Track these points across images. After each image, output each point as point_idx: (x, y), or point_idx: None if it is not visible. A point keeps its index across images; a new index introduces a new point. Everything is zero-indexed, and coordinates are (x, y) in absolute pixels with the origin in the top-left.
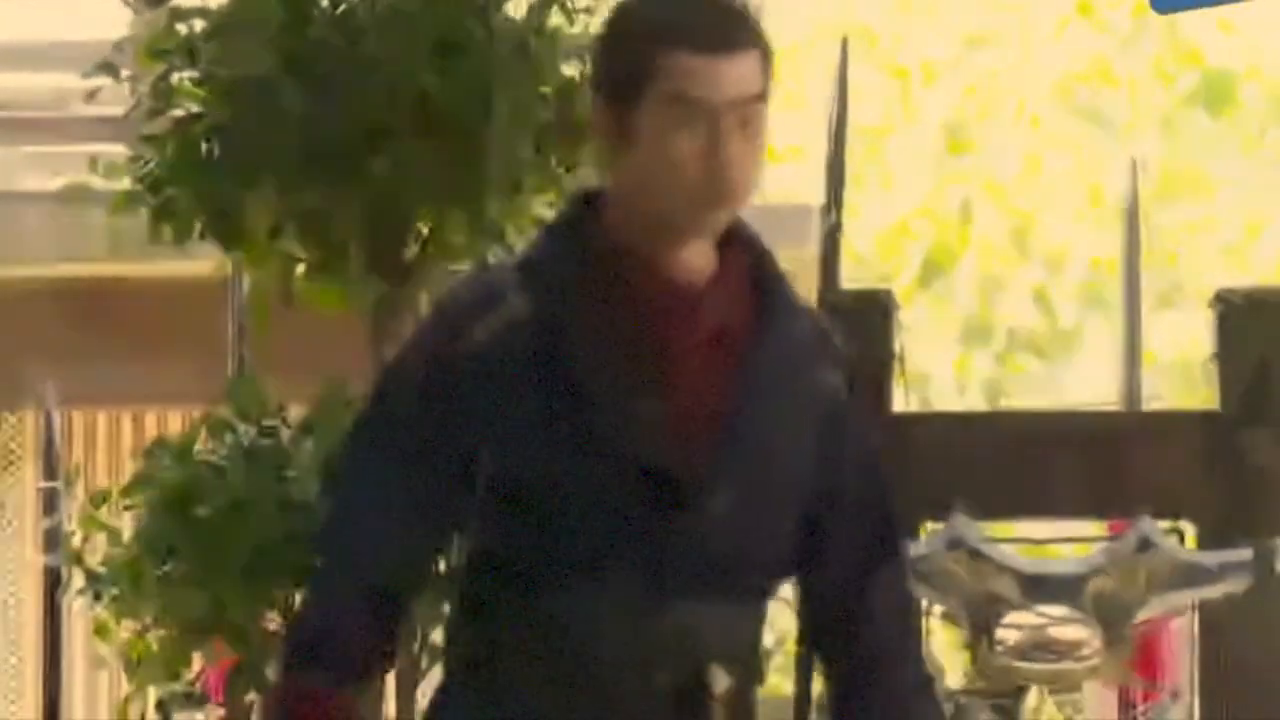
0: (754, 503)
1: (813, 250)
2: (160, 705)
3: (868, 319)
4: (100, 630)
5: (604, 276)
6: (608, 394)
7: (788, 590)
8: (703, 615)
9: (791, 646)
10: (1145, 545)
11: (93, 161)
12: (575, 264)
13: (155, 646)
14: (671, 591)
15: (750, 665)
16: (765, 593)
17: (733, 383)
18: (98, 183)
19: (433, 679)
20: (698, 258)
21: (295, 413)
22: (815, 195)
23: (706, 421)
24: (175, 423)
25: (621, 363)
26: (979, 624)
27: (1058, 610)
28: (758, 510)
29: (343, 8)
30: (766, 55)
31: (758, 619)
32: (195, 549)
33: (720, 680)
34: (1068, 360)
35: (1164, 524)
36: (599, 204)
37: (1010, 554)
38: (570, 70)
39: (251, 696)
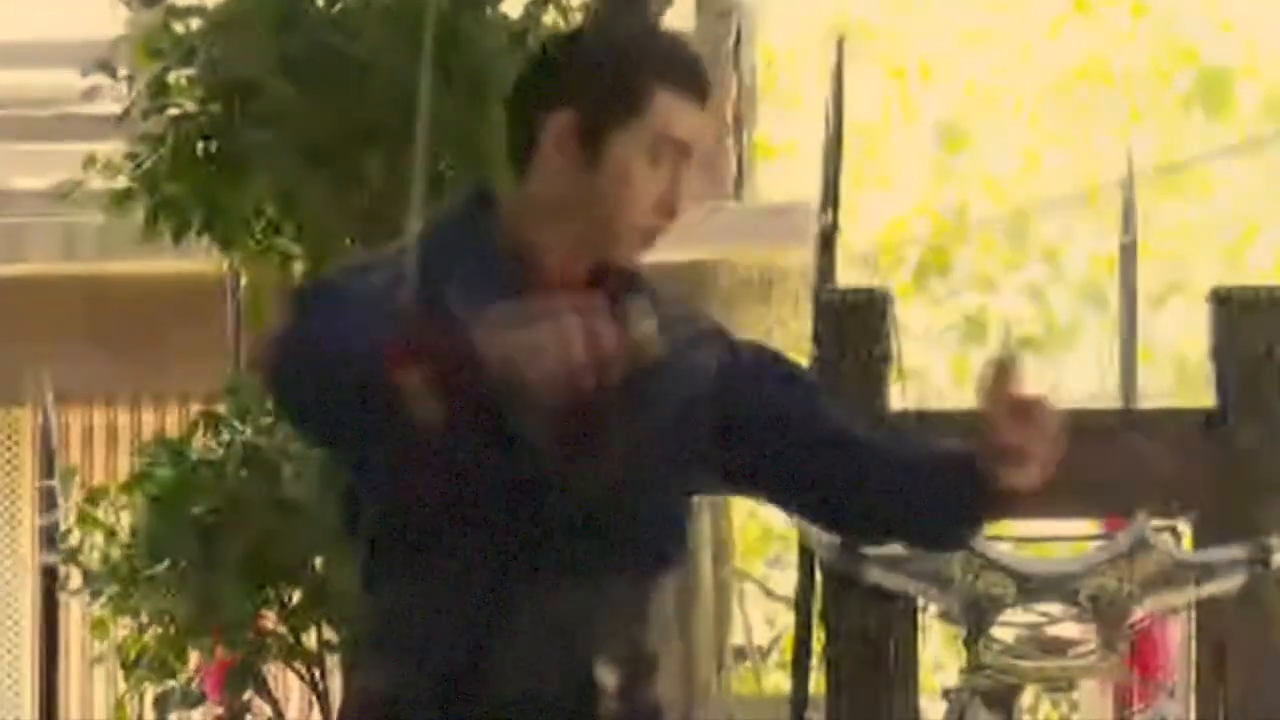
0: (627, 492)
1: (808, 249)
2: (157, 703)
3: (864, 317)
4: (97, 628)
5: (496, 274)
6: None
7: (785, 586)
8: (582, 610)
9: (789, 643)
10: (1141, 543)
11: (89, 160)
12: (468, 259)
13: (152, 644)
14: (547, 583)
15: (640, 659)
16: (649, 586)
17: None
18: (94, 181)
19: None
20: (587, 274)
21: None
22: (811, 193)
23: (582, 416)
24: (172, 421)
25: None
26: (974, 622)
27: (1053, 609)
28: (632, 498)
29: (339, 6)
30: None
31: (642, 613)
32: (192, 547)
33: (608, 678)
34: (1065, 358)
35: (1160, 522)
36: (494, 204)
37: (1006, 552)
38: None
39: (248, 695)
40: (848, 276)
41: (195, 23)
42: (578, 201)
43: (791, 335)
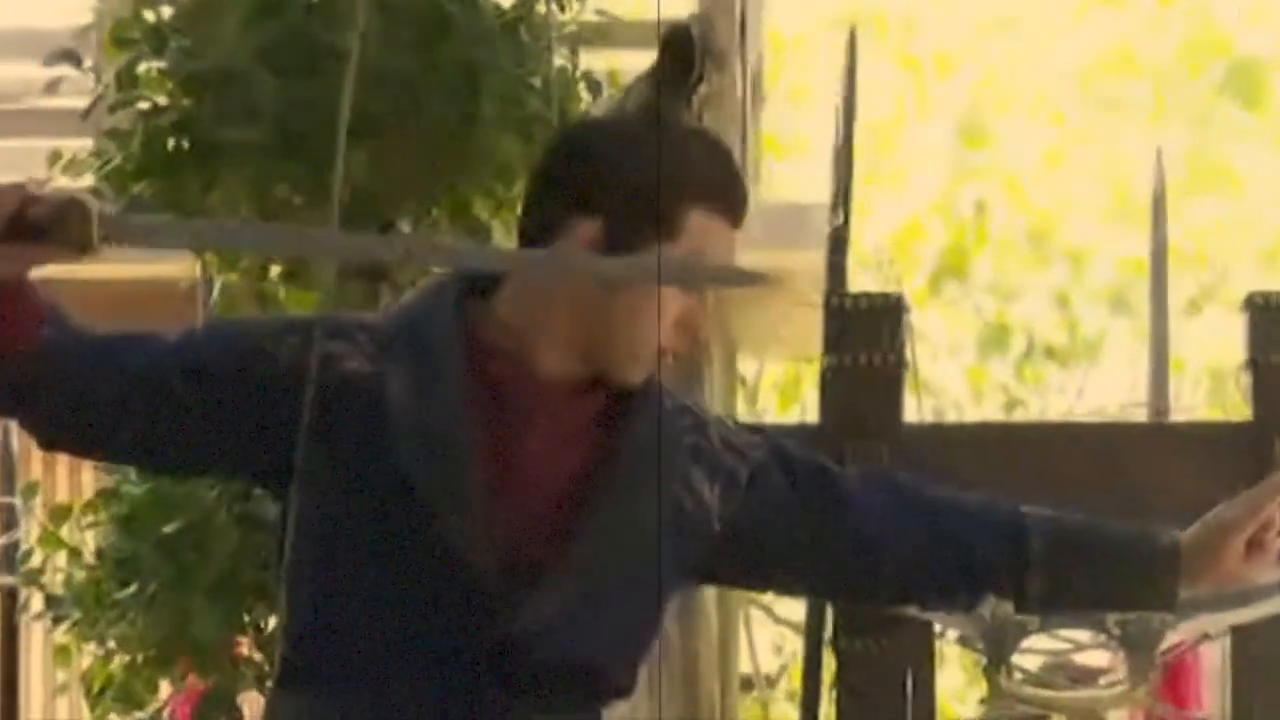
0: (585, 614)
1: (819, 251)
2: None
3: (877, 324)
4: (60, 655)
5: (474, 364)
6: (439, 481)
7: (795, 611)
8: None
9: (797, 671)
10: None
11: (53, 157)
12: (447, 340)
13: (119, 673)
14: (489, 704)
15: None
16: (597, 710)
17: (577, 493)
18: (59, 179)
19: None
20: (582, 382)
21: None
22: (822, 193)
23: (544, 527)
24: None
25: (464, 452)
26: (996, 649)
27: (1080, 634)
28: (589, 622)
29: None
30: None
31: None
32: (162, 569)
33: None
34: (1091, 368)
35: None
36: (479, 291)
37: None
38: (561, 60)
39: None
40: (860, 281)
41: (167, 10)
42: (593, 313)
43: (800, 342)
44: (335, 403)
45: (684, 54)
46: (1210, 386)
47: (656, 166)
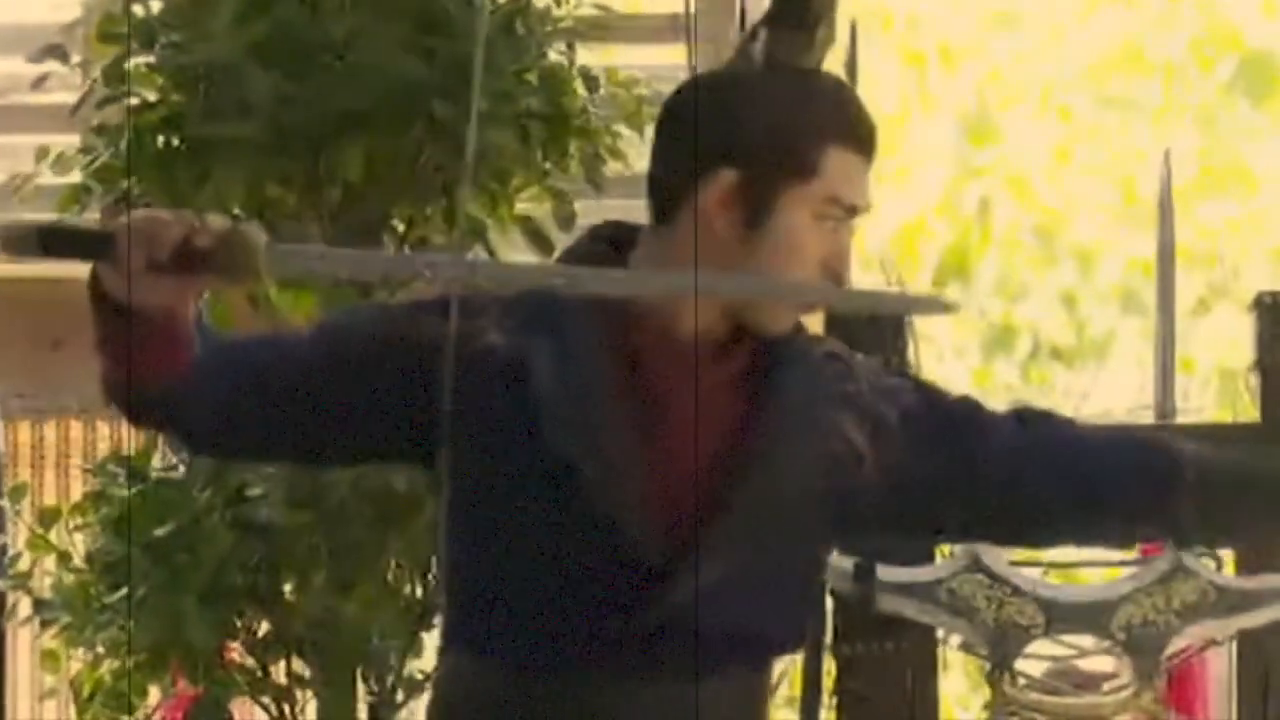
0: (746, 578)
1: None
2: None
3: (880, 324)
4: (48, 660)
5: (614, 330)
6: (590, 454)
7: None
8: (688, 700)
9: (797, 677)
10: (1179, 569)
11: (41, 153)
12: (588, 308)
13: (108, 678)
14: (651, 674)
15: None
16: (765, 671)
17: (729, 454)
18: (46, 176)
19: (409, 712)
20: (725, 338)
21: None
22: None
23: (698, 494)
24: (130, 437)
25: (612, 423)
26: (1000, 655)
27: (1085, 640)
28: (750, 585)
29: None
30: None
31: (756, 701)
32: (152, 573)
33: None
34: (1098, 369)
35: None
36: (624, 246)
37: (1033, 579)
38: (557, 55)
39: None
40: (862, 279)
41: (156, 5)
42: (736, 265)
43: None
44: (478, 379)
45: None
46: (1219, 387)
47: (786, 107)
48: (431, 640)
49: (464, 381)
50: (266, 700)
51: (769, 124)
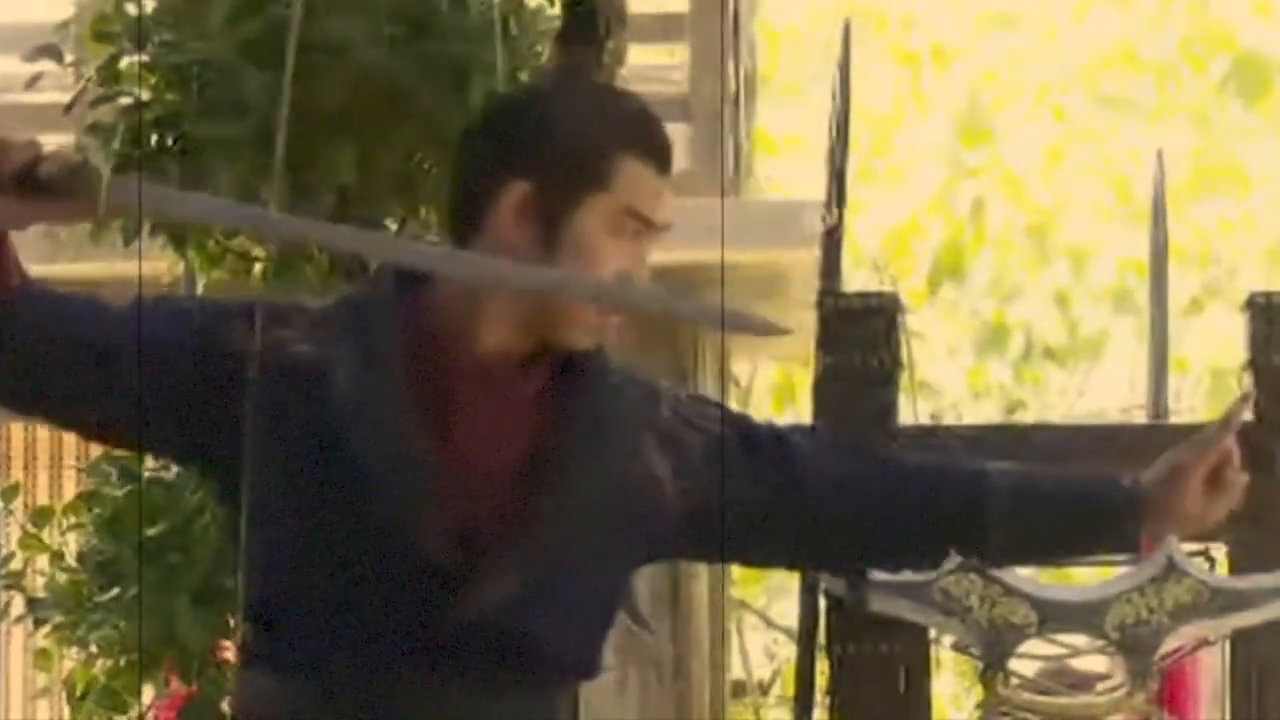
0: (541, 594)
1: (813, 249)
2: None
3: (872, 324)
4: (41, 659)
5: (417, 343)
6: (387, 463)
7: (788, 616)
8: (482, 711)
9: (790, 677)
10: (1172, 569)
11: None
12: (389, 322)
13: (101, 677)
14: (443, 684)
15: None
16: (555, 693)
17: (524, 471)
18: None
19: None
20: (528, 355)
21: None
22: (816, 190)
23: (494, 507)
24: None
25: (409, 432)
26: (992, 655)
27: (1078, 640)
28: (545, 602)
29: None
30: None
31: (551, 716)
32: (145, 572)
33: None
34: (1091, 369)
35: (1193, 545)
36: (420, 280)
37: (1026, 578)
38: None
39: None
40: (855, 280)
41: (149, 4)
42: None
43: (794, 343)
44: (281, 388)
45: (584, 11)
46: (1212, 386)
47: (578, 119)
48: None
49: (268, 389)
50: None
51: (561, 136)
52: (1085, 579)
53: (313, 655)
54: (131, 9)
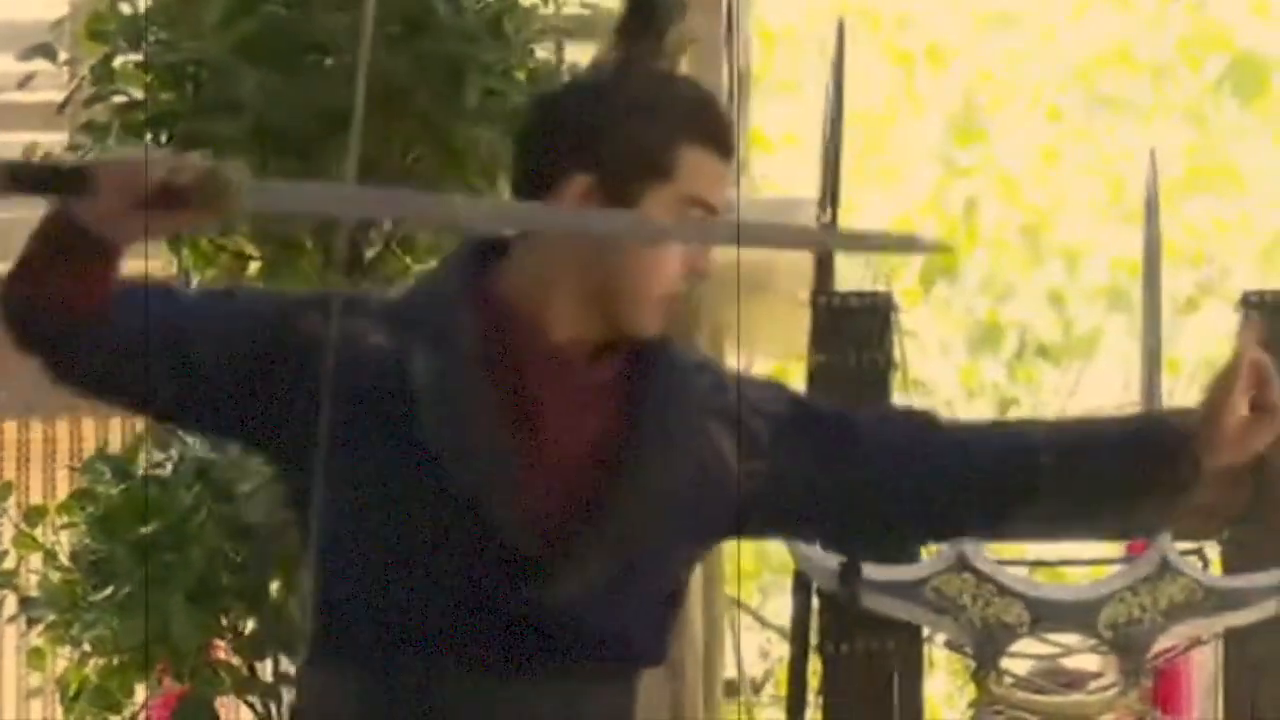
0: (616, 583)
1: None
2: None
3: (866, 323)
4: (34, 658)
5: (491, 333)
6: (463, 451)
7: (781, 615)
8: (561, 701)
9: (784, 676)
10: (1166, 568)
11: (29, 151)
12: (463, 312)
13: (94, 676)
14: (521, 675)
15: None
16: (628, 681)
17: (599, 460)
18: None
19: None
20: (596, 344)
21: None
22: (810, 188)
23: (571, 496)
24: (116, 435)
25: (490, 428)
26: (985, 653)
27: (1071, 639)
28: (619, 590)
29: None
30: None
31: (627, 704)
32: (138, 571)
33: None
34: (1084, 367)
35: (1186, 545)
36: (491, 262)
37: (1019, 577)
38: (545, 52)
39: None
40: (848, 278)
41: (144, 3)
42: (597, 271)
43: (788, 341)
44: (356, 379)
45: (643, 2)
46: (1205, 385)
47: (639, 110)
48: None
49: (344, 381)
50: (253, 699)
51: (622, 128)
52: (1078, 578)
53: (387, 649)
54: (126, 8)
